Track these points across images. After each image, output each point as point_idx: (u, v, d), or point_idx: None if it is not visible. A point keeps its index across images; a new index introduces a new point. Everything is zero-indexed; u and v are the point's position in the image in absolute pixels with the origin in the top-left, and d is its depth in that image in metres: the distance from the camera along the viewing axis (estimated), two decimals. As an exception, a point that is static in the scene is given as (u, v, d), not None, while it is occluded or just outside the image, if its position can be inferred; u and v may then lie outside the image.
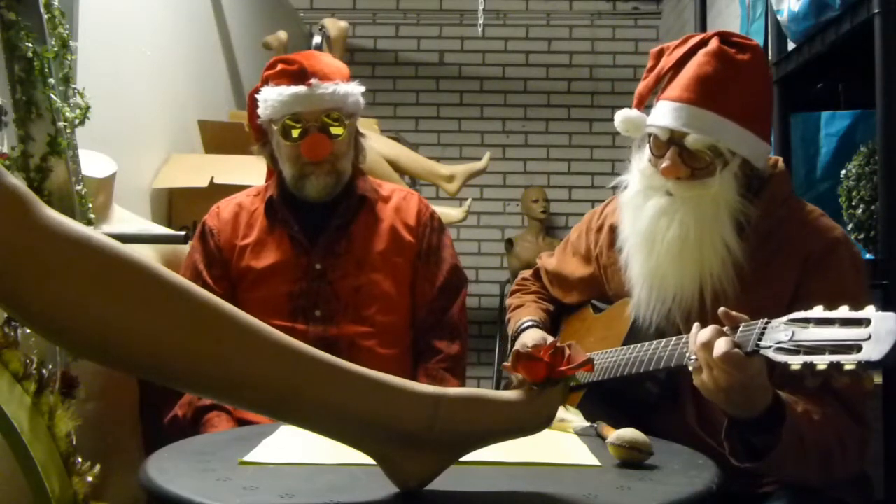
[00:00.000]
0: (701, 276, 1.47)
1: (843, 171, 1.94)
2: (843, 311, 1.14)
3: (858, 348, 1.08)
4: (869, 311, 1.12)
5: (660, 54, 1.57)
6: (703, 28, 3.25)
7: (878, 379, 1.71)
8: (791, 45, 2.23)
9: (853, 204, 1.88)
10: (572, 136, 5.22)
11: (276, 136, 1.89)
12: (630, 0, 5.30)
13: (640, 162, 1.56)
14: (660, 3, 5.23)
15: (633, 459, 1.20)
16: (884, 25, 1.71)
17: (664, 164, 1.49)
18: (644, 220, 1.53)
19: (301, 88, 1.84)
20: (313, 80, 1.85)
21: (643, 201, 1.54)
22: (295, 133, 1.86)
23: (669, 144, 1.49)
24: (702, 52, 1.49)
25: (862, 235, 1.87)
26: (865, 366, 1.07)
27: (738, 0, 3.06)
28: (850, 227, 1.90)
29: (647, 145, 1.54)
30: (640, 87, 1.57)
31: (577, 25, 5.29)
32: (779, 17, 2.23)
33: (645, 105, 1.57)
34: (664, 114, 1.49)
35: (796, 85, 2.27)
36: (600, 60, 5.27)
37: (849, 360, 1.08)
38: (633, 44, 5.25)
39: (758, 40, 2.43)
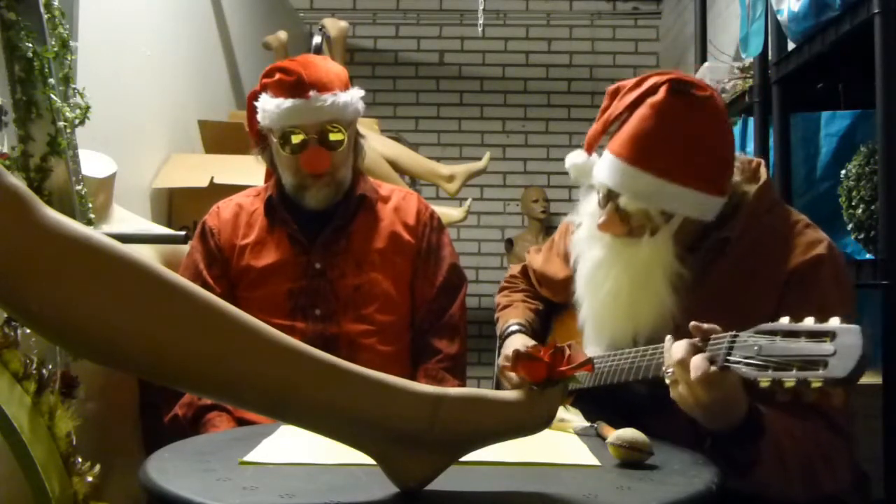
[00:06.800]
0: (635, 330, 1.47)
1: (843, 171, 1.93)
2: (809, 323, 1.12)
3: (825, 364, 1.06)
4: (833, 324, 1.09)
5: (615, 94, 1.52)
6: (703, 28, 3.25)
7: (877, 378, 1.71)
8: (791, 45, 2.23)
9: (853, 204, 1.87)
10: (572, 136, 5.22)
11: (275, 146, 1.89)
12: (630, 0, 5.30)
13: (589, 206, 1.56)
14: (660, 3, 5.23)
15: (633, 459, 1.20)
16: (884, 25, 1.71)
17: (600, 220, 1.49)
18: (586, 268, 1.54)
19: (299, 101, 1.82)
20: (312, 93, 1.82)
21: (589, 246, 1.55)
22: (294, 142, 1.85)
23: (608, 199, 1.48)
24: (647, 103, 1.43)
25: (862, 235, 1.86)
26: (832, 383, 1.05)
27: (738, 0, 3.06)
28: (850, 227, 1.90)
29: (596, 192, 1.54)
30: (591, 129, 1.52)
31: (577, 25, 5.29)
32: (779, 17, 2.22)
33: (596, 148, 1.54)
34: (604, 168, 1.48)
35: (796, 85, 2.27)
36: (600, 60, 5.27)
37: (815, 377, 1.06)
38: (633, 44, 5.26)
39: (758, 40, 2.44)
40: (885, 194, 1.70)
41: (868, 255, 1.87)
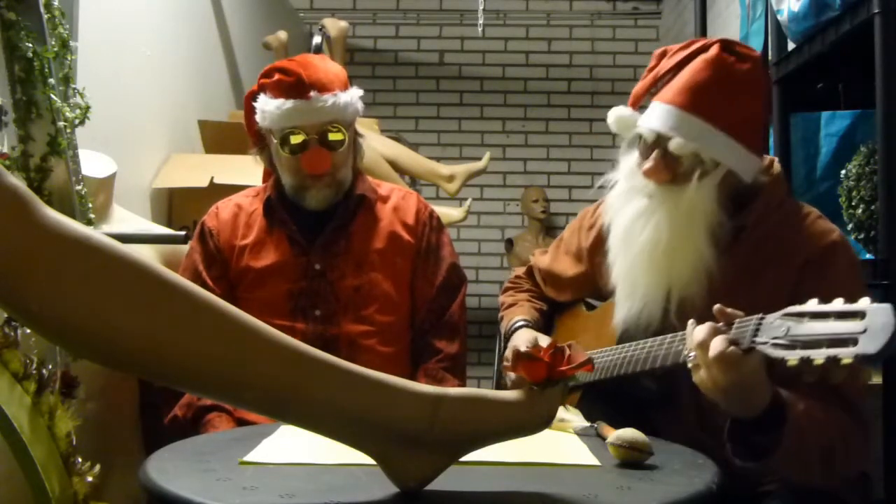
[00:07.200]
0: (669, 283, 1.47)
1: (843, 171, 1.94)
2: (838, 304, 1.13)
3: (855, 342, 1.07)
4: (863, 304, 1.11)
5: (662, 55, 1.57)
6: (703, 28, 3.25)
7: (877, 378, 1.71)
8: (791, 45, 2.23)
9: (853, 204, 1.88)
10: (572, 136, 5.23)
11: (275, 147, 1.88)
12: (630, 0, 5.30)
13: (629, 162, 1.57)
14: (660, 3, 5.23)
15: (633, 459, 1.20)
16: (884, 25, 1.71)
17: (646, 165, 1.49)
18: (624, 221, 1.54)
19: (300, 102, 1.81)
20: (312, 93, 1.81)
21: (626, 201, 1.55)
22: (294, 143, 1.84)
23: (655, 147, 1.49)
24: (700, 58, 1.48)
25: (862, 235, 1.87)
26: (862, 360, 1.06)
27: (738, 0, 3.06)
28: (850, 227, 1.90)
29: (637, 146, 1.54)
30: (638, 86, 1.57)
31: (577, 25, 5.29)
32: (779, 17, 2.23)
33: (640, 105, 1.57)
34: (653, 116, 1.50)
35: (796, 85, 2.27)
36: (600, 60, 5.27)
37: (846, 354, 1.07)
38: (633, 44, 5.25)
39: (758, 40, 2.44)
40: (885, 194, 1.70)
41: (868, 255, 1.87)
